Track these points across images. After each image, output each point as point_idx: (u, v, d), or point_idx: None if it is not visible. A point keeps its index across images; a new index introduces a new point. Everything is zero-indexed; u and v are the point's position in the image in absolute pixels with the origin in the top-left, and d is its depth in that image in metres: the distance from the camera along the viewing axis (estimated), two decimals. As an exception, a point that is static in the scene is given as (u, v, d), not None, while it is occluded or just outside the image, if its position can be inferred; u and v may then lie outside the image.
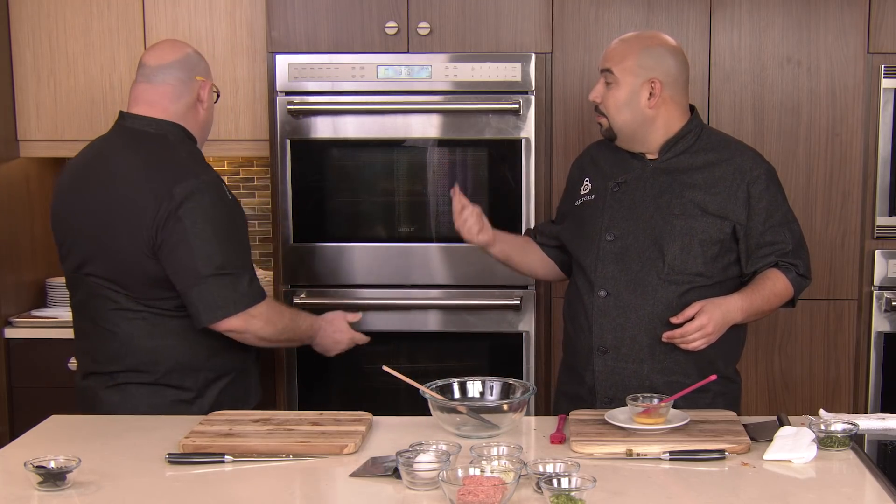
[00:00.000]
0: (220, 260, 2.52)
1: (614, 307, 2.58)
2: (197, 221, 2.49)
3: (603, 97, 2.59)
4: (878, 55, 3.38)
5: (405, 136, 3.44)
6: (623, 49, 2.57)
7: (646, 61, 2.55)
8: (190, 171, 2.55)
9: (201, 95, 2.70)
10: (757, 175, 2.57)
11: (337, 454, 2.19)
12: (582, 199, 2.72)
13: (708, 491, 1.99)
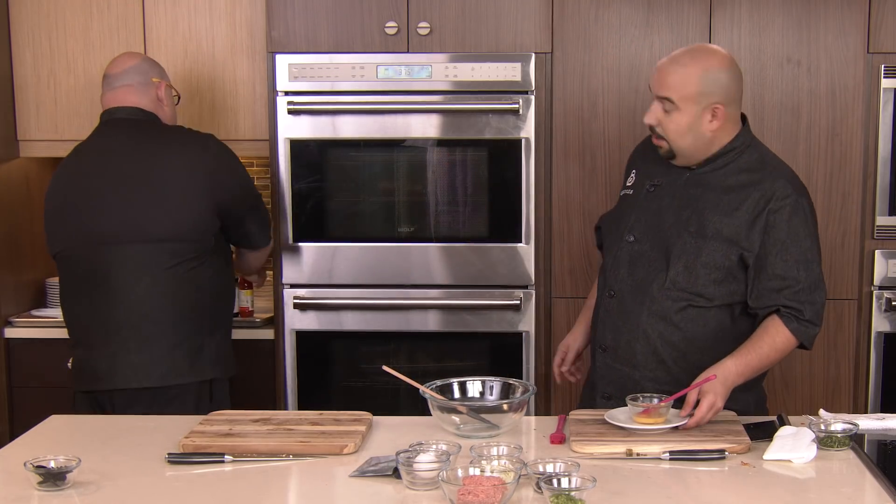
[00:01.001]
0: (255, 190, 3.16)
1: (617, 308, 2.56)
2: (234, 163, 3.12)
3: (661, 122, 2.47)
4: (877, 55, 3.38)
5: (405, 136, 3.44)
6: (682, 76, 2.43)
7: (707, 87, 2.43)
8: (204, 135, 3.09)
9: (159, 94, 3.08)
10: (782, 205, 2.42)
11: (337, 454, 2.19)
12: (624, 192, 2.69)
13: (708, 491, 1.99)
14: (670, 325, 2.48)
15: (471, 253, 3.44)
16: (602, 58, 3.43)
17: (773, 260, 2.42)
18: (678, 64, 2.46)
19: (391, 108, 3.41)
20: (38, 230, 3.92)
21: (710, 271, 2.45)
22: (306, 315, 3.49)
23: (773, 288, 2.42)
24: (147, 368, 2.86)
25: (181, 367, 2.87)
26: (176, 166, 2.94)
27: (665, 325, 2.48)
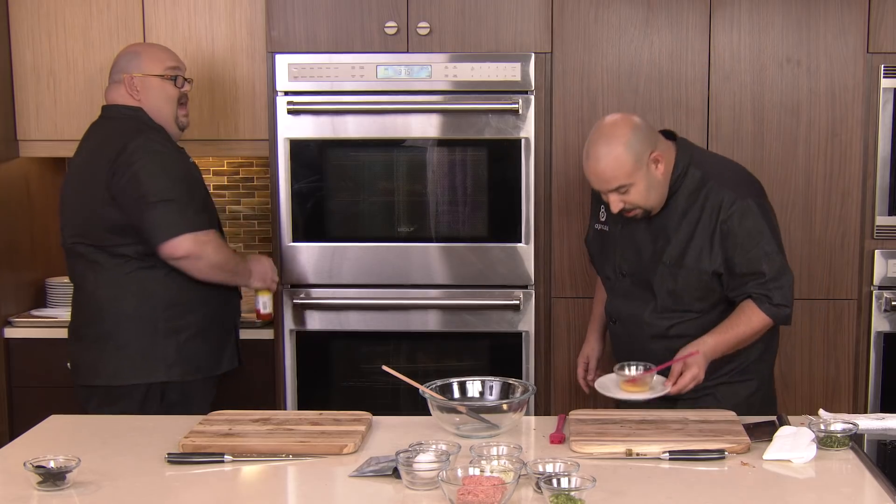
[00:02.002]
0: (167, 191, 2.87)
1: (621, 333, 2.81)
2: (146, 163, 2.87)
3: (625, 202, 2.60)
4: (877, 55, 3.38)
5: (405, 136, 3.44)
6: (614, 162, 2.54)
7: (637, 152, 2.55)
8: (141, 134, 2.94)
9: (129, 88, 3.03)
10: (730, 214, 2.60)
11: (337, 454, 2.19)
12: (600, 226, 2.86)
13: (707, 491, 1.99)
14: (671, 339, 2.67)
15: (471, 253, 3.44)
16: (602, 58, 3.43)
17: (737, 261, 2.61)
18: (603, 157, 2.56)
19: (391, 108, 3.41)
20: (37, 230, 3.92)
21: (691, 292, 2.66)
22: (306, 315, 3.49)
23: (743, 282, 2.62)
24: (96, 367, 2.97)
25: (126, 369, 2.92)
26: (93, 166, 2.94)
27: (666, 341, 2.68)
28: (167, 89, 3.06)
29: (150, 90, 3.04)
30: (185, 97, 3.14)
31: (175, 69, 3.09)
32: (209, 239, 2.92)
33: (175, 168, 2.95)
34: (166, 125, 3.07)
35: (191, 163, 3.09)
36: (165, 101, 3.06)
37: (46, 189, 4.01)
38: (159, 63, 3.06)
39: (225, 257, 2.97)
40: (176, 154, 3.02)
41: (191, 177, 3.03)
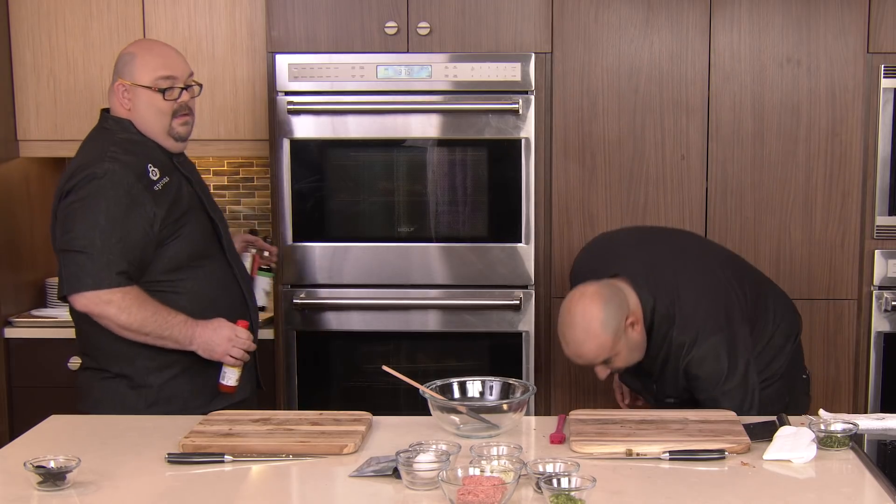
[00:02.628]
0: (80, 239, 2.57)
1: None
2: (73, 200, 2.60)
3: (612, 368, 2.61)
4: (877, 55, 3.38)
5: (405, 136, 3.44)
6: (594, 343, 2.52)
7: (614, 326, 2.52)
8: (101, 158, 2.63)
9: (117, 96, 2.77)
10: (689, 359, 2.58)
11: (337, 454, 2.19)
12: None
13: (707, 491, 1.99)
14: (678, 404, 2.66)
15: (471, 253, 3.44)
16: (602, 58, 3.43)
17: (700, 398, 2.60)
18: (582, 343, 2.53)
19: (391, 108, 3.41)
20: (37, 230, 3.92)
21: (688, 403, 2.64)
22: (306, 315, 3.49)
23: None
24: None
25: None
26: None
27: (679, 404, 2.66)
28: (156, 102, 2.73)
29: (139, 101, 2.74)
30: (184, 107, 2.78)
31: (168, 79, 2.73)
32: (112, 298, 2.57)
33: (109, 210, 2.59)
34: (158, 139, 2.76)
35: (146, 195, 2.64)
36: (155, 114, 2.74)
37: (46, 189, 4.01)
38: (149, 72, 2.72)
39: (137, 320, 2.59)
40: (130, 191, 2.61)
41: (130, 217, 2.61)
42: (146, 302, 2.62)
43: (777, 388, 2.72)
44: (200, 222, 2.77)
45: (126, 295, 2.59)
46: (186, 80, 2.78)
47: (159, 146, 2.76)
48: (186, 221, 2.72)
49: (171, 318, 2.63)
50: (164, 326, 2.62)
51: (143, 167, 2.67)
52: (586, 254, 2.94)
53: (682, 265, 2.70)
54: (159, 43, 2.91)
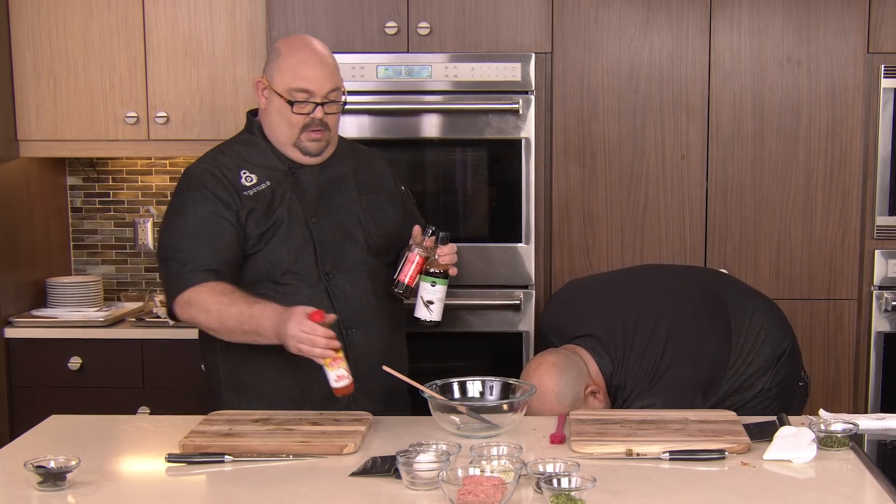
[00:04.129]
0: (162, 245, 2.52)
1: None
2: (169, 204, 2.57)
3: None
4: (877, 55, 3.38)
5: (405, 137, 3.44)
6: (549, 412, 2.49)
7: (569, 394, 2.51)
8: (200, 161, 2.58)
9: (257, 90, 2.59)
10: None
11: (337, 454, 2.19)
12: None
13: (708, 491, 1.99)
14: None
15: (471, 253, 3.44)
16: (602, 58, 3.43)
17: None
18: (540, 412, 2.48)
19: (391, 108, 3.41)
20: (37, 230, 3.92)
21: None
22: (306, 315, 3.48)
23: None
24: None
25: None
26: None
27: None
28: (285, 112, 2.51)
29: (271, 104, 2.54)
30: (317, 122, 2.52)
31: (303, 92, 2.49)
32: (191, 297, 2.43)
33: (180, 210, 2.50)
34: (283, 149, 2.56)
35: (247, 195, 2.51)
36: (284, 123, 2.53)
37: (46, 189, 4.01)
38: (285, 80, 2.50)
39: (214, 311, 2.40)
40: (201, 187, 2.50)
41: (195, 213, 2.49)
42: (224, 292, 2.41)
43: (763, 401, 2.66)
44: (293, 239, 2.52)
45: (201, 289, 2.41)
46: (325, 96, 2.50)
47: (280, 153, 2.58)
48: (273, 235, 2.51)
49: (253, 308, 2.37)
50: (245, 317, 2.37)
51: (237, 170, 2.53)
52: (552, 308, 2.91)
53: (642, 323, 2.63)
54: (310, 48, 2.53)
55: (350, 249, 2.57)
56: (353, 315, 2.55)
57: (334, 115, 2.55)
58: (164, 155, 3.99)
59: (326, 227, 2.56)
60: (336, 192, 2.61)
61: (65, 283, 3.88)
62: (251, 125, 2.63)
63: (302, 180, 2.57)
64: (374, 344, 2.57)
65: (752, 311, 2.71)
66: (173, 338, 3.64)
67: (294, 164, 2.57)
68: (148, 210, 4.15)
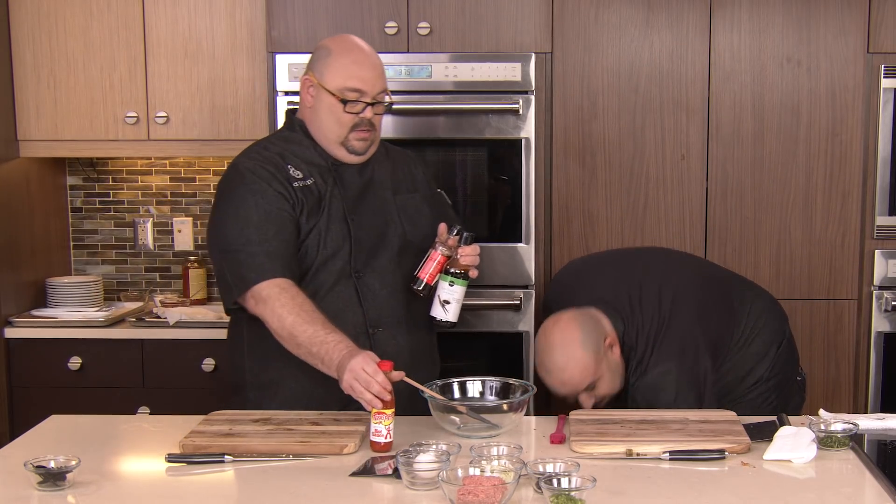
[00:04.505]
0: (223, 238, 2.48)
1: None
2: (216, 200, 2.56)
3: (597, 396, 2.56)
4: (877, 55, 3.38)
5: (405, 137, 3.44)
6: (579, 366, 2.50)
7: (593, 345, 2.51)
8: (244, 155, 2.58)
9: (304, 89, 2.59)
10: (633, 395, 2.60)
11: (337, 454, 2.19)
12: None
13: (708, 491, 1.99)
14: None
15: (471, 253, 3.43)
16: (602, 58, 3.43)
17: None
18: (565, 366, 2.51)
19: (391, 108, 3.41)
20: (37, 230, 3.92)
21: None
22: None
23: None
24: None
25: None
26: None
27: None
28: (336, 111, 2.51)
29: (321, 103, 2.53)
30: (366, 122, 2.53)
31: (356, 92, 2.49)
32: (271, 293, 2.40)
33: (256, 204, 2.47)
34: (329, 148, 2.56)
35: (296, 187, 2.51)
36: (334, 122, 2.52)
37: (46, 189, 4.01)
38: (339, 79, 2.50)
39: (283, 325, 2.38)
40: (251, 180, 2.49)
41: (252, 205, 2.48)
42: (303, 306, 2.39)
43: (762, 392, 2.68)
44: (332, 235, 2.52)
45: (278, 289, 2.40)
46: (375, 96, 2.52)
47: (322, 151, 2.58)
48: (315, 230, 2.51)
49: (328, 336, 2.34)
50: (315, 341, 2.35)
51: (285, 164, 2.53)
52: (556, 286, 2.93)
53: (647, 290, 2.66)
54: (360, 48, 2.56)
55: (382, 250, 2.57)
56: (381, 315, 2.55)
57: (380, 116, 2.57)
58: (164, 155, 3.99)
59: (363, 225, 2.56)
60: (372, 192, 2.61)
61: (65, 283, 3.88)
62: (292, 123, 2.62)
63: (344, 177, 2.58)
64: (401, 345, 2.56)
65: (752, 297, 2.76)
66: (173, 338, 3.64)
67: (336, 162, 2.58)
68: (148, 210, 4.15)
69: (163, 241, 4.16)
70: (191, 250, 4.14)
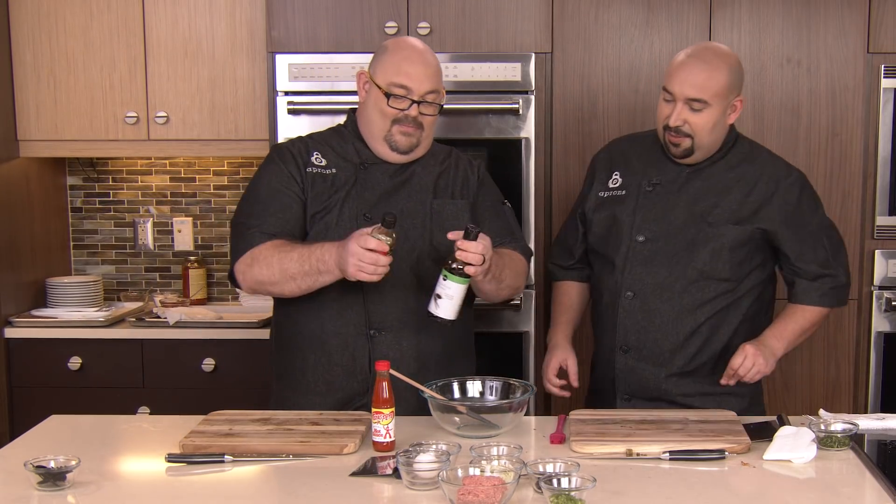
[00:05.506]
0: (237, 211, 2.60)
1: (640, 309, 2.60)
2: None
3: (687, 121, 2.51)
4: (877, 55, 3.38)
5: (405, 136, 3.44)
6: (713, 75, 2.49)
7: (733, 83, 2.52)
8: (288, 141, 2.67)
9: (359, 82, 2.62)
10: (791, 182, 2.59)
11: (337, 454, 2.19)
12: (610, 193, 2.70)
13: (708, 491, 1.99)
14: (699, 318, 2.58)
15: (471, 253, 3.43)
16: (602, 58, 3.43)
17: (799, 236, 2.58)
18: (706, 63, 2.50)
19: (391, 108, 3.41)
20: (37, 230, 3.92)
21: (734, 253, 2.56)
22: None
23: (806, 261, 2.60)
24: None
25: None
26: None
27: (692, 320, 2.58)
28: (381, 104, 2.52)
29: (370, 96, 2.57)
30: (411, 119, 2.52)
31: (401, 88, 2.50)
32: (254, 255, 2.47)
33: (269, 182, 2.55)
34: (373, 143, 2.57)
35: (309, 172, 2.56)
36: (378, 115, 2.54)
37: (47, 189, 4.02)
38: (387, 74, 2.53)
39: (276, 263, 2.43)
40: (274, 161, 2.58)
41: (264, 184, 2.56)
42: (283, 246, 2.45)
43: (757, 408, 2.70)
44: (340, 233, 2.47)
45: (262, 248, 2.46)
46: (423, 95, 2.51)
47: (362, 148, 2.59)
48: (322, 223, 2.52)
49: (311, 248, 2.40)
50: (304, 257, 2.39)
51: (312, 150, 2.58)
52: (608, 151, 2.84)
53: None
54: (417, 50, 2.56)
55: (401, 254, 2.49)
56: (385, 318, 2.51)
57: (430, 117, 2.55)
58: (164, 155, 4.00)
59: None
60: (406, 194, 2.57)
61: (65, 283, 3.88)
62: (348, 120, 2.67)
63: (370, 177, 2.56)
64: (405, 350, 2.52)
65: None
66: (173, 338, 3.64)
67: (370, 161, 2.57)
68: (148, 210, 4.15)
69: (163, 241, 4.16)
70: (191, 250, 4.14)
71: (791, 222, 2.58)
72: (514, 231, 2.69)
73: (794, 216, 2.58)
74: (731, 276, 2.57)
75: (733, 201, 2.57)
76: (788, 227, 2.58)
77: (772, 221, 2.56)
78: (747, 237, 2.56)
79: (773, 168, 2.60)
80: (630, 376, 2.64)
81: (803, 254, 2.60)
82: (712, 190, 2.58)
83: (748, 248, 2.58)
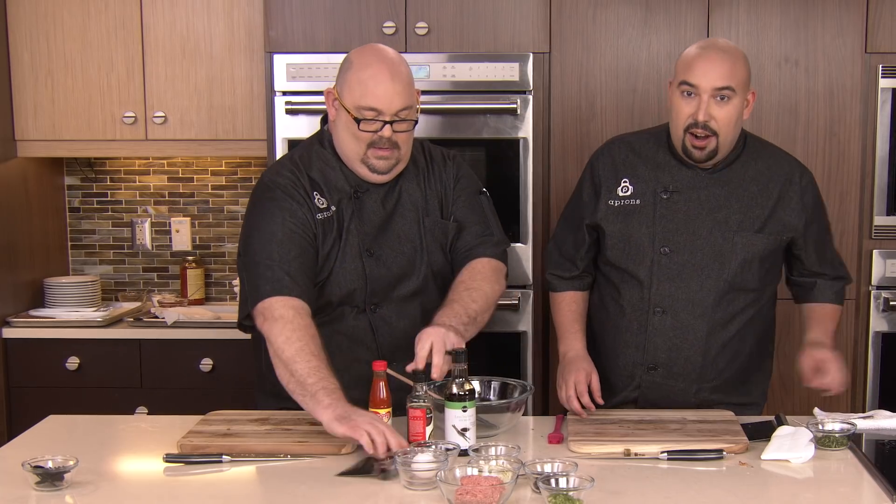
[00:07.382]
0: (251, 248, 2.41)
1: (671, 326, 2.51)
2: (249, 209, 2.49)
3: (714, 116, 2.40)
4: (875, 55, 3.38)
5: (403, 136, 3.44)
6: (736, 64, 2.41)
7: (749, 72, 2.47)
8: (272, 171, 2.49)
9: (327, 100, 2.49)
10: (806, 184, 2.56)
11: (335, 454, 2.19)
12: (622, 202, 2.55)
13: (706, 491, 1.99)
14: (731, 331, 2.54)
15: (469, 253, 3.43)
16: (600, 58, 3.43)
17: (815, 238, 2.59)
18: (725, 52, 2.42)
19: (389, 108, 3.41)
20: (36, 230, 3.92)
21: (763, 264, 2.53)
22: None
23: (823, 263, 2.62)
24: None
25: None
26: None
27: (726, 332, 2.53)
28: (352, 128, 2.39)
29: (339, 117, 2.43)
30: (386, 140, 2.39)
31: (371, 111, 2.36)
32: (284, 314, 2.30)
33: (283, 221, 2.39)
34: (350, 164, 2.46)
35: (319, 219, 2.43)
36: (351, 138, 2.41)
37: (45, 189, 4.01)
38: (353, 97, 2.37)
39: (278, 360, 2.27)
40: (273, 194, 2.42)
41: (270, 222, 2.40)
42: (304, 338, 2.26)
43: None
44: (347, 272, 2.43)
45: (290, 311, 2.29)
46: (395, 114, 2.36)
47: (348, 173, 2.47)
48: (330, 265, 2.43)
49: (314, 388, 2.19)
50: (302, 388, 2.20)
51: (312, 191, 2.44)
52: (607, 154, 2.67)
53: None
54: (384, 64, 2.38)
55: (405, 280, 2.47)
56: (396, 347, 2.44)
57: (405, 134, 2.41)
58: (162, 155, 3.99)
59: (383, 260, 2.46)
60: (399, 217, 2.50)
61: (62, 283, 3.88)
62: (322, 136, 2.52)
63: (365, 206, 2.46)
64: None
65: None
66: (171, 338, 3.64)
67: (360, 187, 2.46)
68: (146, 210, 4.15)
69: (160, 241, 4.16)
70: (189, 250, 4.14)
71: (813, 227, 2.56)
72: (489, 224, 2.60)
73: (813, 220, 2.56)
74: (759, 285, 2.53)
75: (755, 206, 2.49)
76: (811, 232, 2.56)
77: (796, 229, 2.53)
78: (776, 245, 2.52)
79: (787, 167, 2.56)
80: (654, 392, 2.56)
81: (824, 255, 2.61)
82: (732, 195, 2.49)
83: (775, 256, 2.55)
